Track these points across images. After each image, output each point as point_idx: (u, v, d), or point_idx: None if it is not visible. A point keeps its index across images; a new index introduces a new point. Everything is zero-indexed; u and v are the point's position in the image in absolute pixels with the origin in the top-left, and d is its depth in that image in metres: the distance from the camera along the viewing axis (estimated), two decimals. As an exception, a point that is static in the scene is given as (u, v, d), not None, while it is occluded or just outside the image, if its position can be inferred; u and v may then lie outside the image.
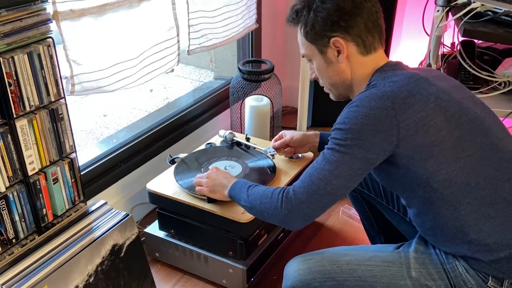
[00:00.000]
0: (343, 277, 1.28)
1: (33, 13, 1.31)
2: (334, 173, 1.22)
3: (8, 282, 1.31)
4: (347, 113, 1.23)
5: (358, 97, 1.24)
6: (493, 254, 1.22)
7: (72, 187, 1.55)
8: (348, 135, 1.20)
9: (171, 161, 1.94)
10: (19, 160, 1.37)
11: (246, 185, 1.45)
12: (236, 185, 1.49)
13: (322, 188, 1.23)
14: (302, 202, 1.25)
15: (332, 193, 1.24)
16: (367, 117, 1.19)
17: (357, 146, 1.20)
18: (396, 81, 1.24)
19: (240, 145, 2.02)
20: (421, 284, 1.26)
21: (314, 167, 1.26)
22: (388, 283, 1.27)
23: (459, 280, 1.24)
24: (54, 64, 1.39)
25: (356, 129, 1.20)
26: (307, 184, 1.25)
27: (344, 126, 1.22)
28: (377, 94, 1.21)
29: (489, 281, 1.23)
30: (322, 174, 1.23)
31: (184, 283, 1.86)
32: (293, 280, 1.32)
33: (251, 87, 2.38)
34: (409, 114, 1.19)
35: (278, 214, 1.29)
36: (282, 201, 1.28)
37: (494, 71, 2.08)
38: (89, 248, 1.47)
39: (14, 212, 1.39)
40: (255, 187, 1.42)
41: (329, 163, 1.22)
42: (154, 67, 1.90)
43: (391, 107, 1.18)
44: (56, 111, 1.43)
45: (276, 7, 2.80)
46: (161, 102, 3.56)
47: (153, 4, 1.81)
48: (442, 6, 2.09)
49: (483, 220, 1.21)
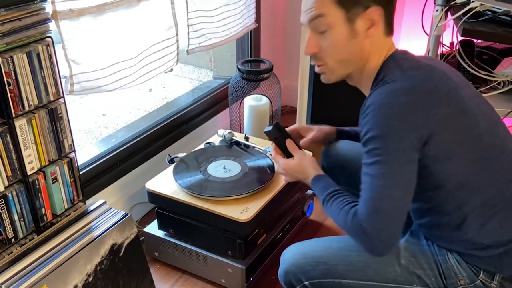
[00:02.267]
0: (334, 262, 1.30)
1: (32, 13, 1.31)
2: (393, 186, 1.14)
3: (7, 282, 1.31)
4: (375, 117, 1.14)
5: (378, 96, 1.16)
6: (487, 252, 1.22)
7: (71, 186, 1.55)
8: (388, 140, 1.13)
9: (170, 160, 1.94)
10: (18, 159, 1.37)
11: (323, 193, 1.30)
12: (314, 185, 1.36)
13: (389, 206, 1.14)
14: (380, 230, 1.15)
15: (401, 206, 1.15)
16: (400, 115, 1.12)
17: (400, 149, 1.13)
18: (416, 75, 1.17)
19: (239, 144, 2.02)
20: (410, 271, 1.26)
21: (369, 189, 1.15)
22: (378, 269, 1.28)
23: (450, 272, 1.25)
24: (53, 64, 1.38)
25: (393, 131, 1.12)
26: (373, 210, 1.14)
27: (379, 132, 1.13)
28: (403, 90, 1.14)
29: (481, 275, 1.24)
30: (381, 193, 1.14)
31: (183, 283, 1.86)
32: (287, 264, 1.34)
33: (250, 87, 2.38)
34: (437, 109, 1.14)
35: (365, 249, 1.19)
36: (360, 238, 1.17)
37: (493, 71, 2.08)
38: (88, 247, 1.47)
39: (13, 211, 1.39)
40: (331, 201, 1.27)
41: (382, 178, 1.13)
42: (153, 66, 1.90)
43: (421, 102, 1.13)
44: (55, 111, 1.43)
45: (275, 7, 2.80)
46: (160, 102, 3.56)
47: (152, 3, 1.81)
48: (441, 6, 2.08)
49: (483, 220, 1.21)
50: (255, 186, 1.75)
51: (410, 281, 1.26)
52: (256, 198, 1.72)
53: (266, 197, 1.73)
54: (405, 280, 1.27)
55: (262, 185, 1.76)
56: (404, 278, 1.27)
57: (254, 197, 1.73)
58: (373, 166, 1.14)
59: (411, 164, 1.14)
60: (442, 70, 1.22)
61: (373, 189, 1.14)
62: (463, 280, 1.24)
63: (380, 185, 1.14)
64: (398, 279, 1.27)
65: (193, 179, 1.79)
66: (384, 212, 1.14)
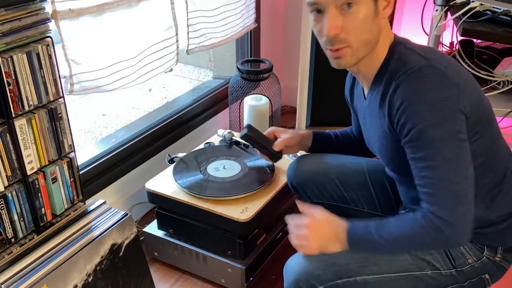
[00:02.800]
0: (345, 261, 1.26)
1: (32, 13, 1.31)
2: (463, 167, 1.12)
3: (7, 282, 1.31)
4: (420, 107, 1.10)
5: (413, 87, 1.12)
6: (492, 228, 1.26)
7: (71, 186, 1.55)
8: (443, 125, 1.10)
9: (170, 160, 1.94)
10: (18, 159, 1.37)
11: (370, 231, 1.20)
12: (354, 234, 1.23)
13: (467, 187, 1.12)
14: (465, 215, 1.13)
15: (472, 184, 1.13)
16: (445, 98, 1.10)
17: (457, 130, 1.11)
18: (440, 58, 1.16)
19: (239, 144, 2.02)
20: (420, 258, 1.27)
21: (439, 180, 1.12)
22: (389, 259, 1.27)
23: (457, 253, 1.27)
24: (53, 64, 1.38)
25: (445, 115, 1.10)
26: (454, 198, 1.11)
27: (432, 121, 1.10)
28: (440, 73, 1.12)
29: (485, 251, 1.27)
30: (456, 177, 1.11)
31: (183, 283, 1.86)
32: (296, 273, 1.26)
33: (250, 87, 2.38)
34: (469, 90, 1.15)
35: (450, 244, 1.19)
36: (445, 235, 1.12)
37: (493, 71, 2.08)
38: (88, 247, 1.47)
39: (13, 211, 1.39)
40: (383, 229, 1.20)
41: (450, 163, 1.11)
42: (153, 66, 1.90)
43: (458, 82, 1.12)
44: (55, 111, 1.43)
45: (275, 7, 2.80)
46: (160, 102, 3.56)
47: (152, 3, 1.81)
48: (441, 6, 2.08)
49: (490, 198, 1.25)
50: (255, 186, 1.75)
51: (421, 267, 1.27)
52: (256, 198, 1.73)
53: (266, 197, 1.73)
54: (416, 267, 1.27)
55: (262, 185, 1.76)
56: (415, 266, 1.27)
57: (254, 197, 1.73)
58: (433, 156, 1.11)
59: (467, 141, 1.13)
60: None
61: (445, 177, 1.11)
62: (471, 258, 1.27)
63: (451, 170, 1.11)
64: (410, 267, 1.27)
65: (193, 179, 1.79)
66: (465, 195, 1.12)
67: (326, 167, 1.58)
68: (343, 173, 1.56)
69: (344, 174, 1.55)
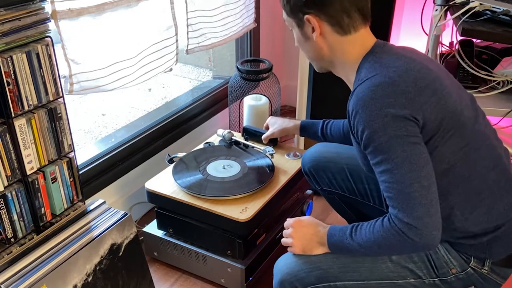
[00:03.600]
0: (327, 265, 1.29)
1: (32, 12, 1.31)
2: (414, 169, 1.12)
3: (7, 282, 1.31)
4: (365, 114, 1.14)
5: (361, 93, 1.16)
6: (476, 240, 1.24)
7: (71, 186, 1.55)
8: (388, 130, 1.12)
9: (170, 160, 1.94)
10: (17, 159, 1.37)
11: (346, 236, 1.25)
12: (331, 238, 1.29)
13: (422, 189, 1.12)
14: (423, 217, 1.12)
15: (431, 184, 1.13)
16: (390, 105, 1.12)
17: (404, 134, 1.12)
18: (397, 67, 1.18)
19: (239, 144, 2.02)
20: (402, 266, 1.27)
21: (394, 183, 1.14)
22: (371, 267, 1.28)
23: (440, 262, 1.26)
24: (52, 63, 1.38)
25: (389, 121, 1.12)
26: (408, 201, 1.12)
27: (376, 127, 1.13)
28: (386, 81, 1.15)
29: (471, 262, 1.26)
30: (409, 179, 1.12)
31: (182, 282, 1.86)
32: (281, 274, 1.32)
33: (250, 86, 2.38)
34: (422, 98, 1.15)
35: (417, 248, 1.18)
36: (407, 238, 1.13)
37: (492, 70, 2.09)
38: (88, 247, 1.47)
39: (13, 211, 1.39)
40: (356, 234, 1.23)
41: (401, 167, 1.12)
42: (153, 66, 1.90)
43: (408, 90, 1.14)
44: (55, 110, 1.43)
45: (274, 7, 2.80)
46: (159, 101, 3.56)
47: (152, 3, 1.81)
48: (441, 5, 2.09)
49: (469, 209, 1.23)
50: (254, 185, 1.75)
51: (403, 276, 1.27)
52: (255, 198, 1.73)
53: (266, 197, 1.73)
54: (398, 275, 1.27)
55: (262, 185, 1.76)
56: (397, 274, 1.27)
57: (253, 197, 1.73)
58: (386, 161, 1.14)
59: (420, 144, 1.14)
60: (421, 62, 1.23)
61: (398, 180, 1.13)
62: (455, 269, 1.26)
63: (402, 173, 1.12)
64: (391, 275, 1.27)
65: (192, 179, 1.79)
66: (419, 197, 1.12)
67: (339, 157, 1.66)
68: (355, 165, 1.58)
69: (355, 166, 1.57)
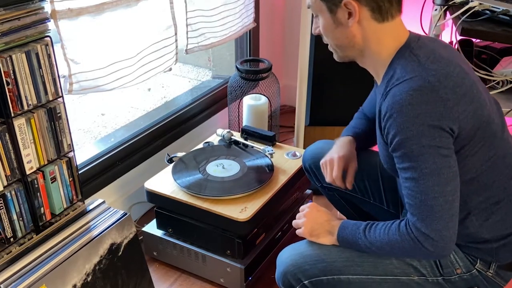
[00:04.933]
0: (332, 259, 1.29)
1: (31, 12, 1.31)
2: (441, 182, 1.11)
3: (6, 281, 1.31)
4: (401, 119, 1.11)
5: (399, 96, 1.12)
6: (486, 245, 1.25)
7: (70, 186, 1.55)
8: (421, 139, 1.10)
9: (169, 160, 1.94)
10: (17, 159, 1.37)
11: (359, 232, 1.25)
12: (344, 231, 1.29)
13: (445, 203, 1.12)
14: (442, 230, 1.13)
15: (454, 199, 1.13)
16: (426, 112, 1.09)
17: (437, 145, 1.10)
18: (437, 70, 1.14)
19: (238, 144, 2.02)
20: (406, 263, 1.28)
21: (418, 192, 1.13)
22: (375, 262, 1.28)
23: (446, 262, 1.27)
24: (52, 63, 1.38)
25: (424, 129, 1.09)
26: (430, 213, 1.12)
27: (410, 133, 1.10)
28: (427, 87, 1.11)
29: (477, 264, 1.26)
30: (433, 192, 1.11)
31: (182, 282, 1.86)
32: (285, 265, 1.32)
33: (249, 86, 2.38)
34: (460, 107, 1.12)
35: (428, 256, 1.21)
36: (422, 246, 1.14)
37: (492, 70, 2.09)
38: (87, 247, 1.47)
39: (12, 211, 1.39)
40: (370, 231, 1.24)
41: (428, 177, 1.11)
42: (152, 66, 1.90)
43: (447, 98, 1.11)
44: (54, 110, 1.43)
45: (274, 6, 2.80)
46: (159, 101, 3.56)
47: (151, 3, 1.81)
48: (440, 5, 2.09)
49: (485, 216, 1.23)
50: (254, 185, 1.75)
51: (407, 273, 1.28)
52: (255, 198, 1.73)
53: (265, 197, 1.73)
54: (402, 272, 1.28)
55: (261, 185, 1.76)
56: (401, 270, 1.28)
57: (253, 197, 1.73)
58: (414, 169, 1.12)
59: (451, 157, 1.12)
60: (458, 64, 1.20)
61: (423, 191, 1.12)
62: (460, 269, 1.27)
63: (428, 185, 1.11)
64: (395, 272, 1.28)
65: (192, 179, 1.79)
66: (441, 210, 1.12)
67: None
68: None
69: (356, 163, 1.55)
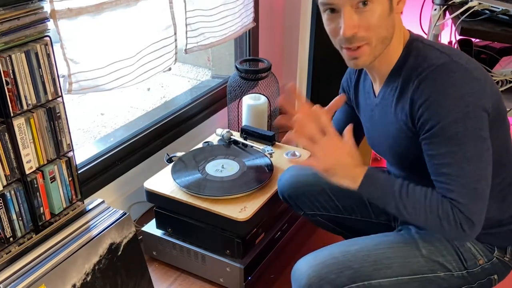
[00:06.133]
0: (358, 264, 1.24)
1: (31, 12, 1.31)
2: (483, 166, 1.12)
3: (6, 281, 1.31)
4: (444, 103, 1.10)
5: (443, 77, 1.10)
6: (502, 228, 1.27)
7: (70, 185, 1.55)
8: (466, 122, 1.09)
9: (169, 159, 1.94)
10: (16, 158, 1.37)
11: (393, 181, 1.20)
12: (373, 174, 1.21)
13: (485, 187, 1.13)
14: (481, 213, 1.14)
15: (489, 184, 1.15)
16: (469, 93, 1.09)
17: (479, 128, 1.10)
18: (459, 54, 1.14)
19: (238, 143, 2.02)
20: (433, 260, 1.27)
21: (459, 176, 1.12)
22: (403, 262, 1.26)
23: (468, 254, 1.27)
24: (51, 63, 1.38)
25: (469, 112, 1.09)
26: (473, 196, 1.12)
27: (455, 117, 1.09)
28: (462, 67, 1.11)
29: (495, 252, 1.28)
30: (476, 176, 1.12)
31: (181, 282, 1.86)
32: (308, 278, 1.23)
33: (249, 86, 2.38)
34: (490, 86, 1.14)
35: (459, 238, 1.19)
36: (460, 228, 1.13)
37: (491, 70, 2.09)
38: (87, 246, 1.47)
39: (12, 210, 1.39)
40: (408, 189, 1.18)
41: (471, 161, 1.11)
42: (151, 65, 1.90)
43: (479, 77, 1.11)
44: (54, 110, 1.43)
45: (273, 6, 2.80)
46: (158, 101, 3.56)
47: (151, 2, 1.81)
48: (440, 5, 2.09)
49: (501, 198, 1.25)
50: (253, 185, 1.75)
51: (434, 270, 1.27)
52: (254, 197, 1.73)
53: (265, 196, 1.73)
54: (429, 270, 1.27)
55: (261, 184, 1.76)
56: (427, 268, 1.27)
57: (252, 196, 1.73)
58: (455, 154, 1.11)
59: (488, 140, 1.13)
60: None
61: (465, 175, 1.12)
62: (482, 259, 1.28)
63: (471, 169, 1.11)
64: (423, 270, 1.27)
65: (191, 178, 1.79)
66: (482, 194, 1.13)
67: (317, 178, 1.51)
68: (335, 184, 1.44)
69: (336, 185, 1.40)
